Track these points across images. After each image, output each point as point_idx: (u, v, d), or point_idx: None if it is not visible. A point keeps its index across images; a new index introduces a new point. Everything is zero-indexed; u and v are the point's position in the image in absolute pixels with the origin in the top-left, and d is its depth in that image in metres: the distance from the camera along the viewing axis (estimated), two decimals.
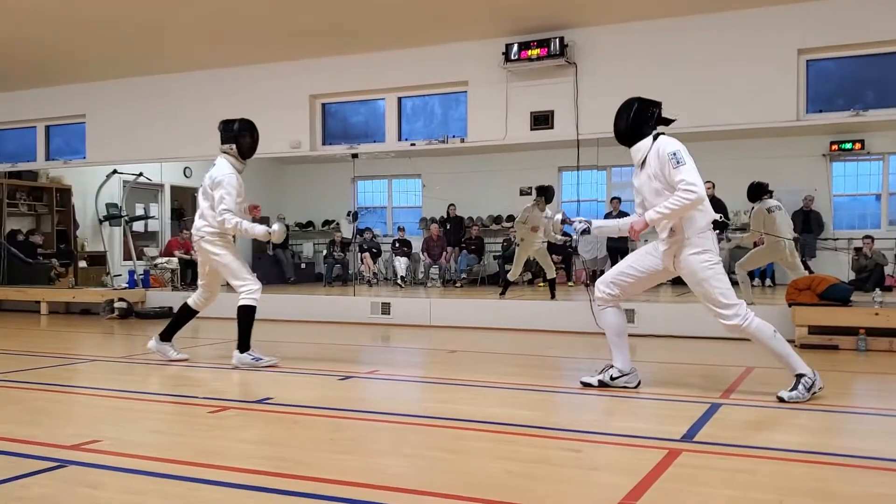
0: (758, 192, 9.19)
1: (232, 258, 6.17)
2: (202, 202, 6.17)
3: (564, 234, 5.30)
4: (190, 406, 4.79)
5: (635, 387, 5.07)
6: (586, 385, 5.10)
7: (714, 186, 11.00)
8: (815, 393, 4.62)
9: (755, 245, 9.70)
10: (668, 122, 4.91)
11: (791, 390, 4.60)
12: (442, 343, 8.08)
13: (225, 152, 6.19)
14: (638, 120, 4.83)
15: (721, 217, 4.99)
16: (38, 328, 9.93)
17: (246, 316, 6.10)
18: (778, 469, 3.26)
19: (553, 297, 10.37)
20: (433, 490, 2.96)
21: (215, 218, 6.01)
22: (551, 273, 10.94)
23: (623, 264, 5.09)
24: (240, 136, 6.18)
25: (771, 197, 9.20)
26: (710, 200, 11.55)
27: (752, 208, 9.40)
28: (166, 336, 6.49)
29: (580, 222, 5.13)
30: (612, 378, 5.06)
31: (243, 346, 6.09)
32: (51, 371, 6.15)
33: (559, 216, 5.27)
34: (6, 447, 3.63)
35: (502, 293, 10.79)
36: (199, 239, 6.15)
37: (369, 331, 9.16)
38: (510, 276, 10.99)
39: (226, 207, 5.95)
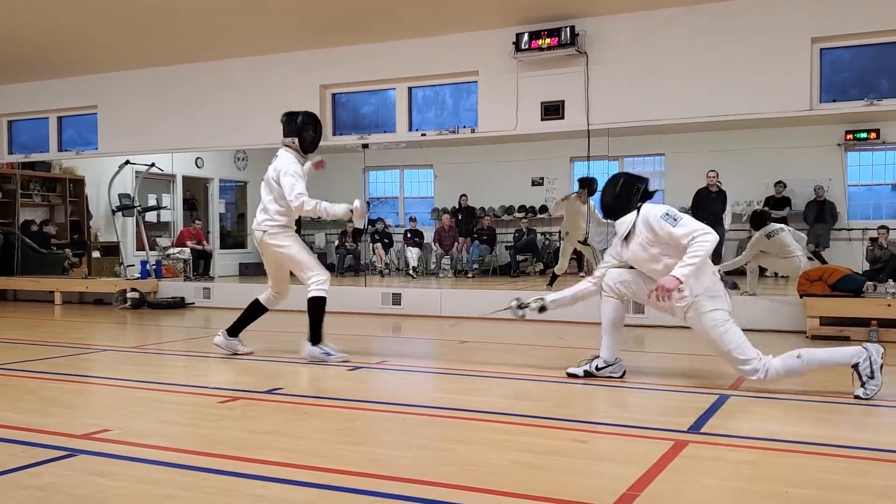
0: (760, 221, 9.19)
1: (298, 249, 6.00)
2: (265, 195, 5.97)
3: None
4: (200, 396, 4.82)
5: (620, 377, 5.10)
6: (572, 376, 5.17)
7: (717, 175, 10.89)
8: (882, 365, 4.45)
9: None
10: (651, 195, 4.95)
11: (861, 386, 4.43)
12: (452, 333, 8.08)
13: (287, 146, 6.03)
14: (624, 194, 4.89)
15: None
16: (51, 318, 10.02)
17: (316, 308, 5.94)
18: (784, 461, 3.26)
19: None
20: (440, 481, 2.98)
21: (279, 211, 5.87)
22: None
23: (638, 272, 5.00)
24: (303, 130, 6.00)
25: (771, 221, 9.17)
26: (717, 192, 11.44)
27: (752, 237, 9.33)
28: (234, 332, 6.27)
29: (535, 301, 5.34)
30: (597, 368, 5.11)
31: (315, 338, 5.94)
32: (64, 360, 6.21)
33: (515, 302, 5.41)
34: (18, 436, 3.67)
35: (550, 284, 10.60)
36: (262, 234, 5.95)
37: (380, 321, 9.18)
38: (557, 270, 10.82)
39: (300, 192, 5.76)
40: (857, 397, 4.44)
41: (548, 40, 8.68)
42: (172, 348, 6.69)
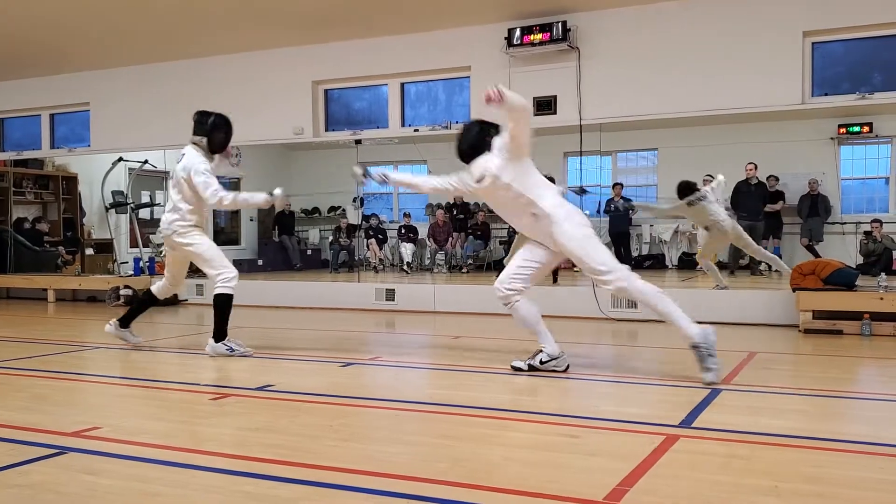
0: (685, 191, 9.34)
1: (208, 247, 6.10)
2: (174, 195, 6.06)
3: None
4: (191, 393, 4.81)
5: (564, 370, 5.16)
6: (517, 370, 5.22)
7: (756, 168, 11.58)
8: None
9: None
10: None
11: (707, 370, 4.68)
12: (446, 329, 8.08)
13: (195, 143, 6.11)
14: (478, 143, 5.24)
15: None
16: (44, 315, 9.99)
17: (222, 305, 6.02)
18: (775, 455, 3.26)
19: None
20: (432, 477, 2.97)
21: (190, 210, 5.99)
22: None
23: (518, 260, 5.27)
24: (214, 131, 6.08)
25: (695, 191, 9.31)
26: (756, 184, 11.86)
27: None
28: (125, 322, 6.46)
29: (378, 176, 5.60)
30: (541, 362, 5.19)
31: (219, 335, 6.02)
32: (56, 358, 6.18)
33: (359, 169, 5.61)
34: (7, 434, 3.66)
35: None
36: (171, 234, 6.06)
37: (374, 317, 9.17)
38: (506, 262, 10.89)
39: (215, 188, 5.89)
40: (710, 383, 4.61)
41: (539, 35, 8.68)
42: (165, 345, 6.67)
